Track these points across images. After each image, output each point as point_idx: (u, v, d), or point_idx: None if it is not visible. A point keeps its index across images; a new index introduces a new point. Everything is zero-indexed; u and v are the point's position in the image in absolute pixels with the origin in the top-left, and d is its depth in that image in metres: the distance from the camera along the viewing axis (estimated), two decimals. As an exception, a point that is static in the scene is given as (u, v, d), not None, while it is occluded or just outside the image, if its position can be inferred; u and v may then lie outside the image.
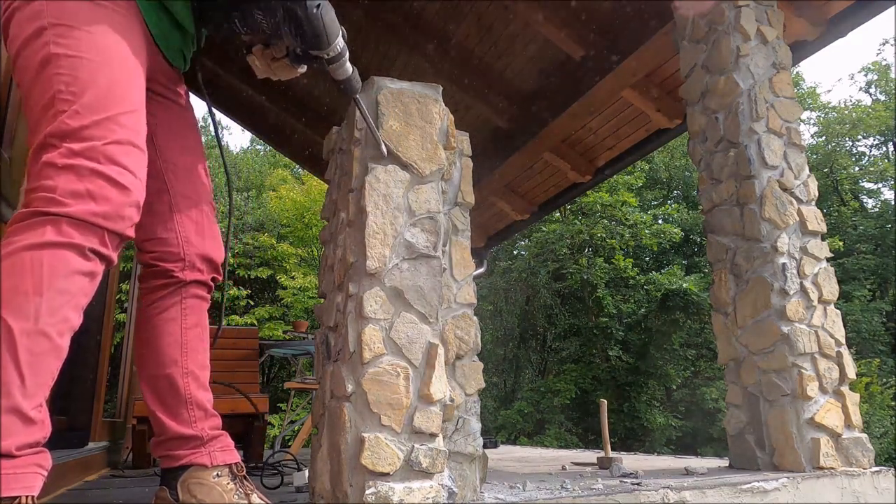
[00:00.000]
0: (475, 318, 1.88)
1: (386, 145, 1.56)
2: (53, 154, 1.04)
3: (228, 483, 1.41)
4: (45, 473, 1.02)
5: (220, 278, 1.52)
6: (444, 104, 1.72)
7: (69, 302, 1.03)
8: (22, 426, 0.97)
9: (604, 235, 15.30)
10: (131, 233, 1.12)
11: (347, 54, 1.37)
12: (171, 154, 1.42)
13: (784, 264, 2.62)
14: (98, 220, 1.04)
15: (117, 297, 4.48)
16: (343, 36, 1.35)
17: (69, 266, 1.02)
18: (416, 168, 1.62)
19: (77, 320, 1.06)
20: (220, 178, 16.79)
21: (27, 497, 0.97)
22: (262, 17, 1.28)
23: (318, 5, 1.26)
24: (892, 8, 3.05)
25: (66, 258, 1.02)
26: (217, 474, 1.40)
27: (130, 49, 1.19)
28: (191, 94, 1.58)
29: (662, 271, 15.44)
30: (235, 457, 1.47)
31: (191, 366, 1.42)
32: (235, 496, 1.40)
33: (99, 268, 1.08)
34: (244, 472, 1.47)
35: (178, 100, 1.48)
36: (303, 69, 1.44)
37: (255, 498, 1.44)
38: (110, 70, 1.12)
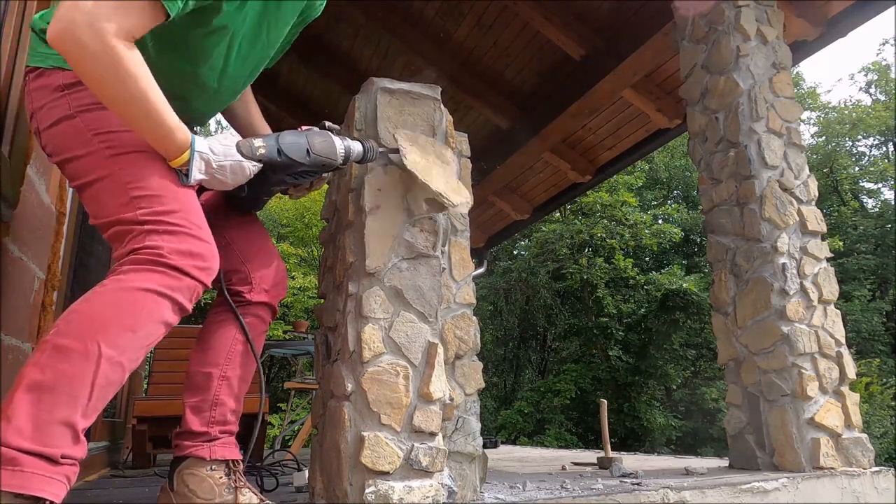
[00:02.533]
0: (475, 318, 1.88)
1: (397, 151, 1.58)
2: (150, 226, 1.21)
3: (221, 477, 1.47)
4: (69, 486, 1.10)
5: (284, 294, 1.67)
6: (443, 105, 1.72)
7: (148, 345, 1.19)
8: (71, 441, 1.07)
9: (604, 235, 15.28)
10: (210, 285, 1.29)
11: (350, 142, 1.45)
12: (221, 206, 1.60)
13: (784, 264, 2.62)
14: (198, 274, 1.22)
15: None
16: (332, 129, 1.46)
17: (162, 316, 1.18)
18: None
19: (141, 361, 1.22)
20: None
21: (52, 503, 1.05)
22: (279, 185, 1.43)
23: (308, 150, 1.36)
24: (892, 8, 3.06)
25: (161, 308, 1.18)
26: (212, 468, 1.47)
27: None
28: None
29: (662, 271, 15.41)
30: (235, 454, 1.52)
31: (229, 373, 1.53)
32: (226, 490, 1.46)
33: (176, 321, 1.24)
34: (240, 469, 1.51)
35: None
36: (329, 175, 1.55)
37: (245, 493, 1.47)
38: (158, 156, 1.28)
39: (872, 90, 20.43)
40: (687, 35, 3.13)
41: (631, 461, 3.44)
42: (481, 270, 6.82)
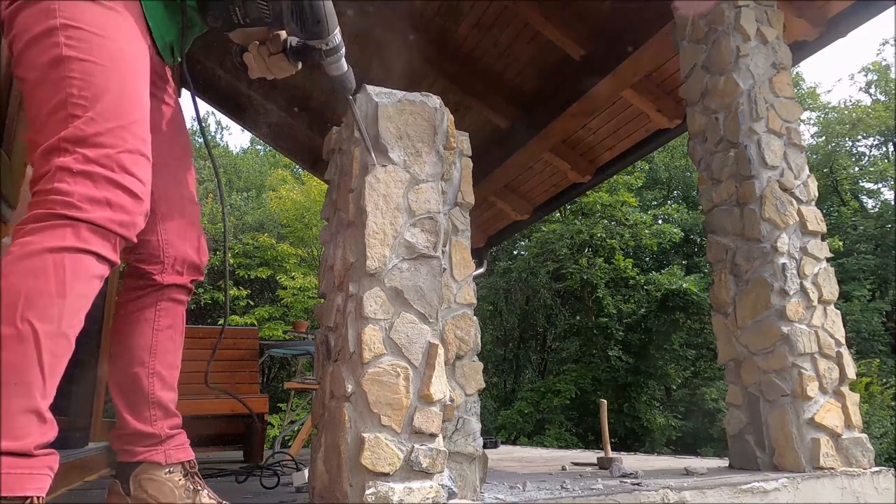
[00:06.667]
0: (475, 318, 1.88)
1: (377, 152, 1.57)
2: (68, 159, 1.05)
3: (180, 479, 1.44)
4: (53, 475, 1.05)
5: (201, 278, 1.54)
6: (443, 104, 1.72)
7: (86, 305, 1.07)
8: (38, 426, 1.00)
9: (604, 235, 15.27)
10: (134, 240, 1.16)
11: (344, 50, 1.39)
12: (157, 157, 1.41)
13: (784, 264, 2.62)
14: (115, 227, 1.08)
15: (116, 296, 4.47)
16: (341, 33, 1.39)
17: (88, 270, 1.06)
18: (415, 168, 1.62)
19: (82, 321, 1.10)
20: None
21: (38, 498, 1.00)
22: (265, 4, 1.31)
23: None
24: (892, 8, 3.06)
25: (85, 263, 1.05)
26: (169, 471, 1.44)
27: (138, 55, 1.21)
28: (181, 90, 1.59)
29: (662, 271, 15.39)
30: (189, 455, 1.50)
31: (158, 367, 1.45)
32: (185, 492, 1.43)
33: (107, 272, 1.12)
34: (196, 469, 1.49)
35: (167, 100, 1.48)
36: (298, 66, 1.47)
37: (203, 495, 1.45)
38: (122, 77, 1.14)
39: (872, 90, 20.40)
40: (687, 35, 3.13)
41: (631, 461, 3.44)
42: (481, 270, 6.82)
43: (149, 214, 1.18)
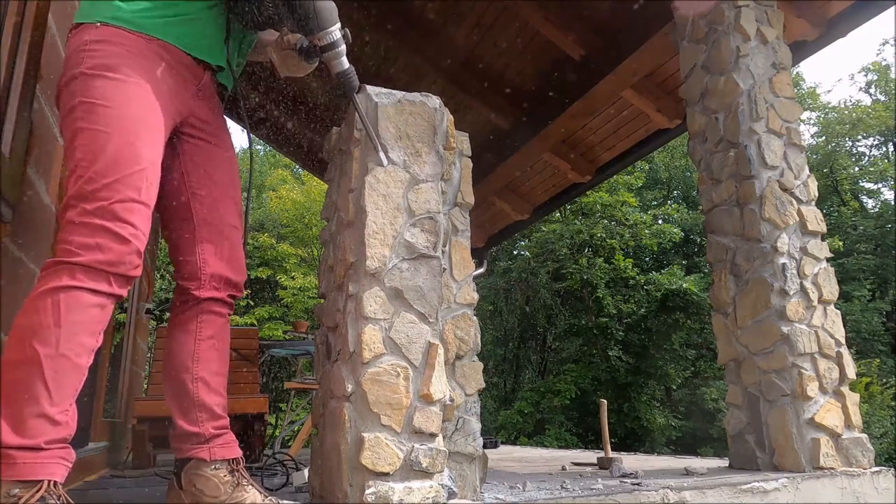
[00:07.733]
0: (475, 318, 1.88)
1: (384, 150, 1.58)
2: (73, 213, 1.29)
3: (225, 476, 1.54)
4: (69, 464, 1.26)
5: (240, 295, 1.69)
6: (443, 104, 1.72)
7: (84, 330, 1.27)
8: (50, 427, 1.22)
9: (604, 235, 15.26)
10: (135, 273, 1.34)
11: (343, 48, 1.50)
12: (198, 187, 1.61)
13: (784, 264, 2.62)
14: (103, 266, 1.28)
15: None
16: (346, 36, 1.50)
17: (81, 302, 1.26)
18: (415, 168, 1.62)
19: (95, 342, 1.30)
20: (242, 179, 16.84)
21: (49, 482, 1.20)
22: (271, 4, 1.47)
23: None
24: (892, 8, 3.06)
25: (78, 297, 1.26)
26: (215, 467, 1.54)
27: (146, 116, 1.40)
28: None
29: (662, 271, 15.38)
30: (235, 453, 1.59)
31: (202, 373, 1.57)
32: (230, 488, 1.53)
33: (107, 301, 1.31)
34: (241, 466, 1.58)
35: (210, 140, 1.65)
36: (312, 65, 1.63)
37: (247, 489, 1.54)
38: (121, 139, 1.34)
39: (872, 90, 20.41)
40: (687, 35, 3.13)
41: (631, 461, 3.44)
42: (481, 270, 6.82)
43: (142, 252, 1.35)
